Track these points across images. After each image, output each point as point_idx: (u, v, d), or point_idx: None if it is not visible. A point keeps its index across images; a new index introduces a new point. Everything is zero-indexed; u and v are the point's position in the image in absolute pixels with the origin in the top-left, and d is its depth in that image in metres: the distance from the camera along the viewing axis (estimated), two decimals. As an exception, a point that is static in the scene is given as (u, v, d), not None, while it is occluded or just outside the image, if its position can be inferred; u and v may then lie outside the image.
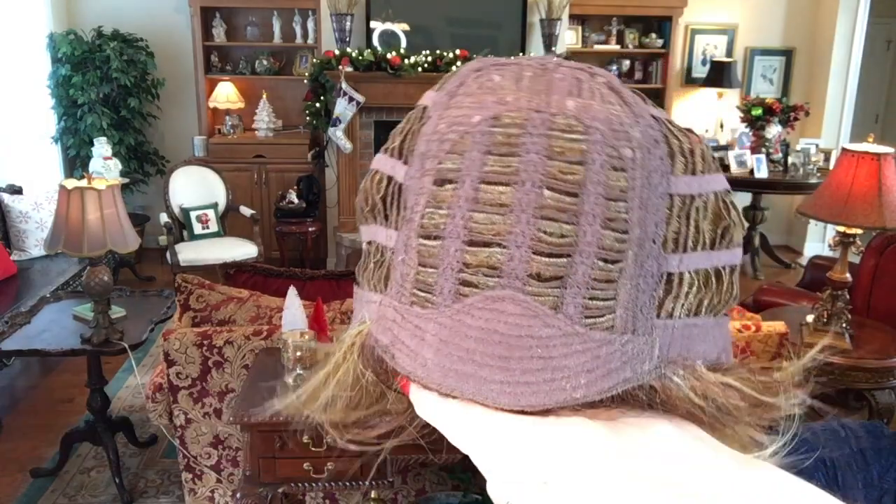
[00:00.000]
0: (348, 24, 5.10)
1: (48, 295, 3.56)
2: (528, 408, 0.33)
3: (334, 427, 0.42)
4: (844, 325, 3.03)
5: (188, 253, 4.66)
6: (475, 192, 0.34)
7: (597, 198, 0.33)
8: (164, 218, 4.82)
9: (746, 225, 4.98)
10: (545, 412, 0.33)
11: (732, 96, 6.07)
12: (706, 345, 0.37)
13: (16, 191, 4.65)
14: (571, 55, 5.49)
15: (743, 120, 5.67)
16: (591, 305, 0.33)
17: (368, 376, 0.40)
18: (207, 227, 4.92)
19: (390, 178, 0.38)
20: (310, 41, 5.79)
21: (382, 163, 0.39)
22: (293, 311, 2.30)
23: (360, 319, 0.40)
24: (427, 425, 0.38)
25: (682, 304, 0.36)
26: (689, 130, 0.38)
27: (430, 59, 5.05)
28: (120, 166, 5.01)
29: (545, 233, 0.33)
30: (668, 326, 0.35)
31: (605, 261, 0.34)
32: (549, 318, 0.33)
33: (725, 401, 0.36)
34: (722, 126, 6.09)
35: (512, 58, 0.39)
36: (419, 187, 0.36)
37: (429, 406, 0.36)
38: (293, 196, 5.39)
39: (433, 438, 0.40)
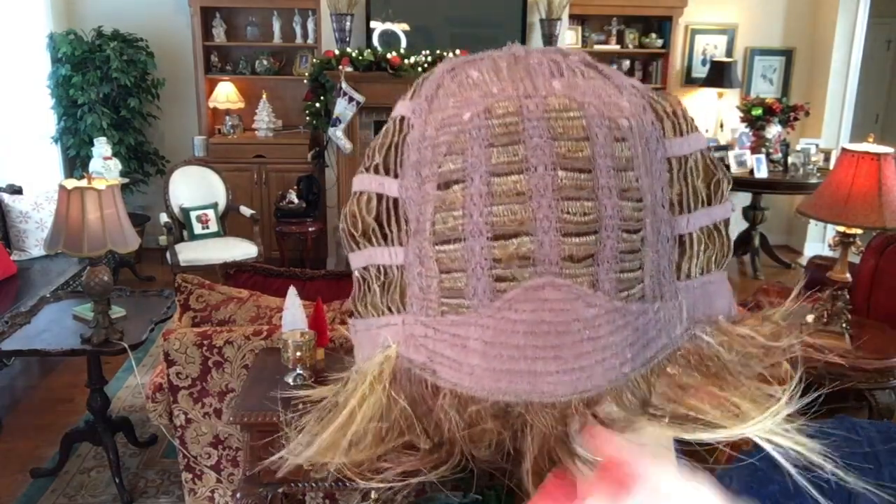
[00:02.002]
0: (348, 24, 5.10)
1: (48, 295, 3.56)
2: (585, 393, 0.33)
3: (358, 466, 0.40)
4: (844, 325, 3.03)
5: (188, 253, 4.66)
6: (488, 187, 0.33)
7: (608, 170, 0.33)
8: (164, 218, 4.81)
9: (737, 225, 4.97)
10: None
11: (732, 96, 6.07)
12: (723, 299, 0.38)
13: (16, 191, 4.65)
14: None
15: (743, 120, 5.67)
16: (623, 278, 0.33)
17: (402, 404, 0.37)
18: (207, 227, 4.92)
19: (380, 196, 0.37)
20: (310, 41, 5.78)
21: (366, 182, 0.38)
22: (293, 311, 2.30)
23: (383, 344, 0.37)
24: (452, 466, 0.37)
25: (696, 263, 0.36)
26: (664, 90, 0.39)
27: (430, 59, 5.05)
28: (120, 166, 5.00)
29: (569, 213, 0.33)
30: (690, 287, 0.36)
31: (628, 231, 0.33)
32: (591, 297, 0.33)
33: (745, 351, 0.36)
34: (722, 126, 6.09)
35: (478, 54, 0.38)
36: (421, 196, 0.35)
37: None
38: (293, 196, 5.39)
39: (451, 478, 0.39)
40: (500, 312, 0.33)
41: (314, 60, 5.34)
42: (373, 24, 5.21)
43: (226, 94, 5.77)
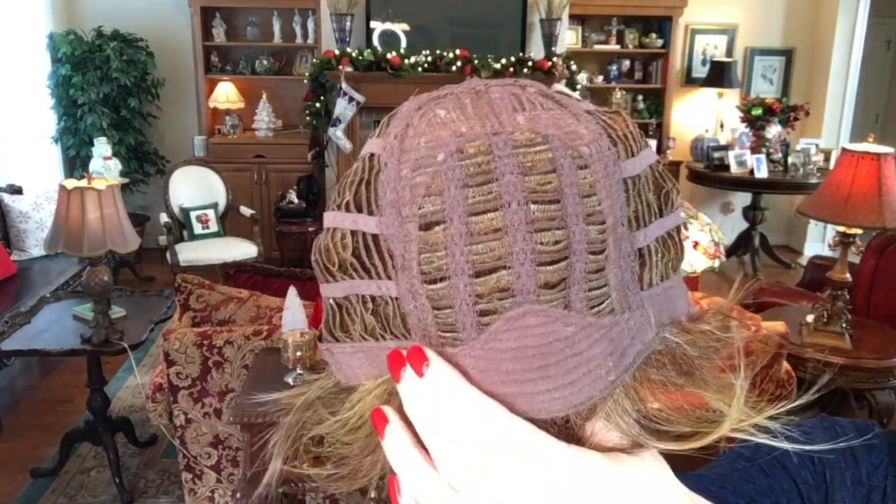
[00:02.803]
0: (348, 24, 5.10)
1: (48, 295, 3.56)
2: (579, 406, 0.36)
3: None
4: (844, 325, 3.03)
5: (188, 253, 4.66)
6: (467, 227, 0.35)
7: (574, 198, 0.35)
8: (164, 218, 4.82)
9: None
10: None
11: (732, 96, 6.07)
12: (682, 300, 0.41)
13: (16, 191, 4.65)
14: (572, 55, 5.49)
15: (743, 120, 5.67)
16: (592, 296, 0.36)
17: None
18: (207, 227, 4.92)
19: (354, 233, 0.39)
20: (310, 41, 5.79)
21: (339, 219, 0.40)
22: (293, 311, 2.30)
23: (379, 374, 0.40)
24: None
25: (656, 272, 0.39)
26: (615, 112, 0.41)
27: (430, 59, 5.05)
28: (120, 166, 5.00)
29: (542, 244, 0.35)
30: (653, 295, 0.39)
31: (594, 252, 0.36)
32: (567, 317, 0.35)
33: (707, 346, 0.40)
34: (722, 126, 6.09)
35: (440, 89, 0.40)
36: (403, 234, 0.36)
37: None
38: (293, 196, 5.39)
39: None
40: (487, 344, 0.35)
41: (314, 60, 5.34)
42: (373, 24, 5.21)
43: (226, 94, 5.77)
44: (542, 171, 0.35)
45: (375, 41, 5.19)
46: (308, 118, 5.38)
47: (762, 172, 5.46)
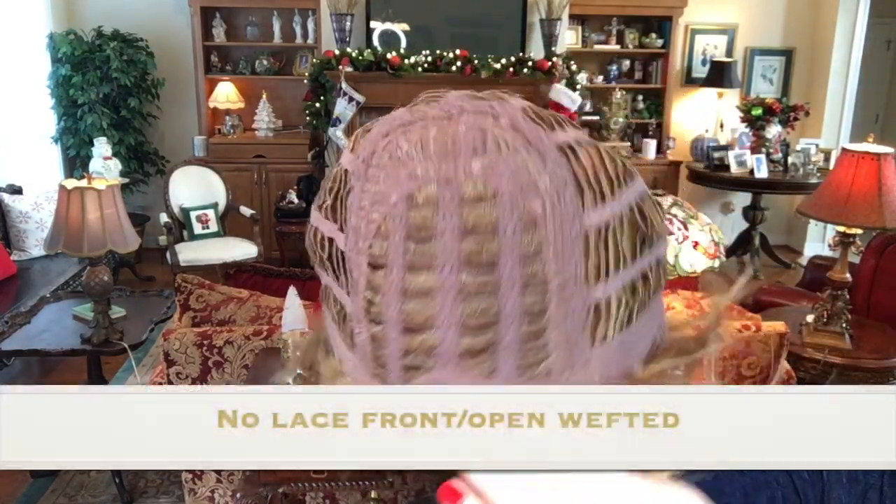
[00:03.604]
0: (348, 24, 5.10)
1: (48, 295, 3.56)
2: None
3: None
4: (844, 325, 3.03)
5: (188, 253, 4.66)
6: (402, 282, 0.36)
7: (513, 264, 0.35)
8: (164, 218, 4.81)
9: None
10: None
11: (732, 96, 6.07)
12: (643, 342, 0.39)
13: (16, 191, 4.65)
14: (572, 55, 5.49)
15: (743, 120, 5.67)
16: (524, 362, 0.35)
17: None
18: (207, 227, 4.92)
19: (331, 241, 0.40)
20: (310, 41, 5.78)
21: (320, 222, 0.42)
22: (293, 311, 2.30)
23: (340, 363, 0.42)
24: None
25: (613, 324, 0.37)
26: (593, 147, 0.38)
27: (430, 59, 5.04)
28: (120, 166, 5.00)
29: (468, 313, 0.35)
30: (605, 350, 0.37)
31: (532, 317, 0.35)
32: (486, 382, 0.35)
33: (663, 381, 0.39)
34: (722, 126, 6.09)
35: (419, 99, 0.40)
36: (358, 264, 0.38)
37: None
38: (293, 196, 5.39)
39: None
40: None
41: (314, 60, 5.34)
42: (373, 24, 5.21)
43: (226, 94, 5.77)
44: (482, 232, 0.35)
45: (375, 41, 5.19)
46: (308, 118, 5.38)
47: (762, 172, 5.46)
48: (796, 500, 0.55)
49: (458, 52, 5.04)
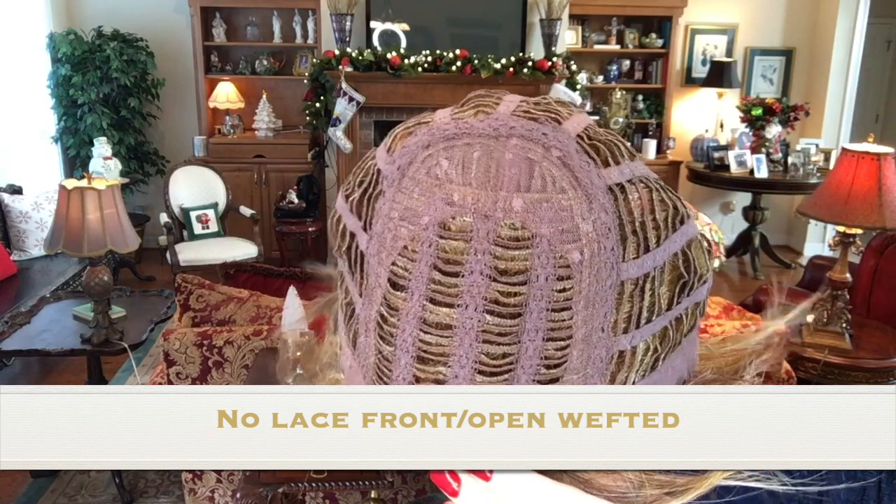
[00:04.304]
0: (348, 24, 5.10)
1: (48, 295, 3.56)
2: None
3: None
4: (844, 325, 3.03)
5: (188, 253, 4.66)
6: (422, 311, 0.35)
7: (539, 313, 0.34)
8: (164, 218, 4.81)
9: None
10: None
11: (732, 96, 6.07)
12: (667, 382, 0.38)
13: (16, 191, 4.65)
14: (572, 55, 5.49)
15: (743, 120, 5.67)
16: None
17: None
18: (207, 227, 4.92)
19: (353, 236, 0.39)
20: (310, 41, 5.78)
21: (345, 212, 0.40)
22: (293, 311, 2.30)
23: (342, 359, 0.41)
24: None
25: (636, 372, 0.36)
26: (650, 189, 0.36)
27: (430, 59, 5.05)
28: (120, 166, 5.01)
29: (486, 354, 0.34)
30: None
31: (549, 367, 0.34)
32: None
33: None
34: (722, 126, 6.09)
35: (465, 117, 0.37)
36: (377, 274, 0.37)
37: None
38: (293, 196, 5.39)
39: None
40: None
41: (314, 60, 5.34)
42: (373, 24, 5.21)
43: (226, 94, 5.77)
44: (512, 280, 0.33)
45: (375, 41, 5.19)
46: (308, 118, 5.38)
47: (762, 172, 5.46)
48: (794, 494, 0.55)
49: (458, 52, 5.04)
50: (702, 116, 6.19)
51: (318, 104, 5.29)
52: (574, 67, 5.37)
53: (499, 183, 0.34)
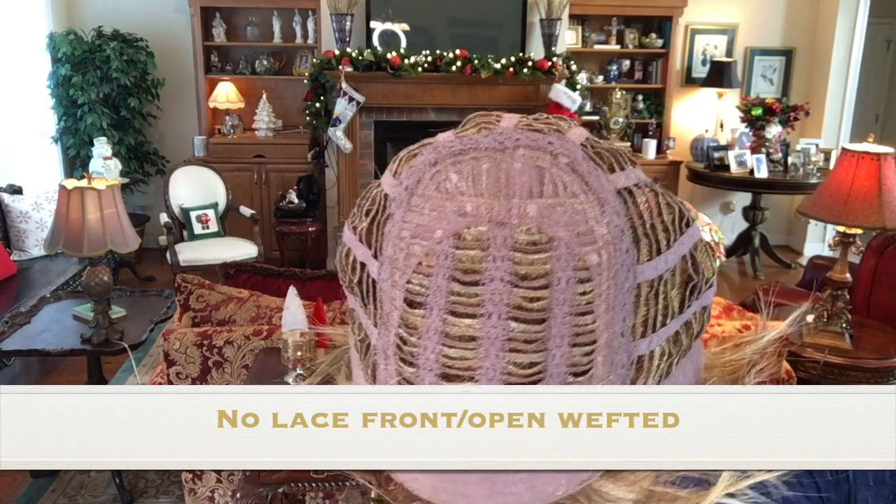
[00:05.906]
0: (348, 24, 5.10)
1: (48, 295, 3.56)
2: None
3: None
4: (844, 325, 3.03)
5: (188, 253, 4.66)
6: (444, 325, 0.34)
7: (563, 318, 0.33)
8: (164, 218, 4.82)
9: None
10: None
11: (732, 96, 6.07)
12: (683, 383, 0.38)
13: (16, 191, 4.65)
14: (572, 55, 5.49)
15: (743, 120, 5.67)
16: None
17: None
18: (207, 227, 4.92)
19: (363, 266, 0.38)
20: (310, 41, 5.78)
21: (353, 243, 0.39)
22: (293, 311, 2.30)
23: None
24: None
25: (653, 376, 0.36)
26: (654, 193, 0.37)
27: (430, 59, 5.05)
28: (120, 166, 5.01)
29: (514, 364, 0.33)
30: None
31: (575, 374, 0.34)
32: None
33: None
34: (722, 126, 6.09)
35: (468, 133, 0.37)
36: (391, 297, 0.36)
37: None
38: (293, 196, 5.39)
39: None
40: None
41: (314, 60, 5.35)
42: (373, 24, 5.21)
43: (226, 94, 5.77)
44: (534, 286, 0.33)
45: (375, 41, 5.19)
46: (308, 118, 5.38)
47: (762, 172, 5.46)
48: (819, 500, 0.54)
49: (458, 52, 5.04)
50: (702, 116, 6.19)
51: (318, 104, 5.29)
52: (574, 67, 5.37)
53: (511, 191, 0.34)
